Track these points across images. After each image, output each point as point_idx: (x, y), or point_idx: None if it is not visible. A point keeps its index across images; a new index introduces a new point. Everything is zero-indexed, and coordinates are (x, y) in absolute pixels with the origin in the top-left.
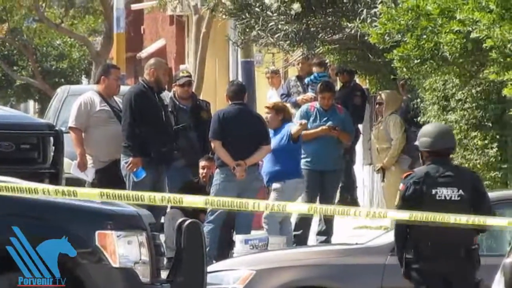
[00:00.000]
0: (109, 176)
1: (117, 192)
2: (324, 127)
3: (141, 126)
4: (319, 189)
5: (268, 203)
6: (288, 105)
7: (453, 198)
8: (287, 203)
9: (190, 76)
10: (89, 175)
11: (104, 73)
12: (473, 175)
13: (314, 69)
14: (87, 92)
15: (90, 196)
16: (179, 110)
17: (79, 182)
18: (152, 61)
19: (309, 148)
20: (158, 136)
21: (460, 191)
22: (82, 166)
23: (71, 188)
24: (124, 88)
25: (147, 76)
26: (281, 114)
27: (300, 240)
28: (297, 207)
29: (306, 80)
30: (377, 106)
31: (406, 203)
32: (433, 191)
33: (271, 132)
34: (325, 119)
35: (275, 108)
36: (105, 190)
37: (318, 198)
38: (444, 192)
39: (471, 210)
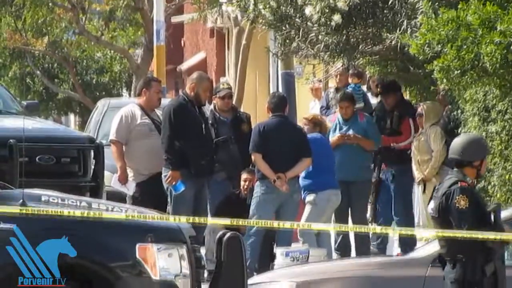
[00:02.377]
0: (150, 190)
1: (143, 213)
2: (335, 137)
3: (180, 139)
4: (347, 200)
5: (293, 222)
6: (327, 118)
7: (431, 213)
8: (311, 223)
9: (230, 88)
10: (129, 189)
11: (145, 86)
12: (450, 187)
13: (350, 80)
14: (128, 105)
15: (115, 218)
16: (219, 122)
17: (119, 195)
18: (194, 75)
19: None
20: (198, 149)
21: (433, 204)
22: (123, 179)
23: (97, 212)
24: (165, 101)
25: (187, 89)
26: (318, 127)
27: (342, 246)
28: (321, 226)
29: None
30: (418, 117)
31: None
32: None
33: None
34: (345, 128)
35: (313, 121)
36: (130, 213)
37: (349, 209)
38: (430, 207)
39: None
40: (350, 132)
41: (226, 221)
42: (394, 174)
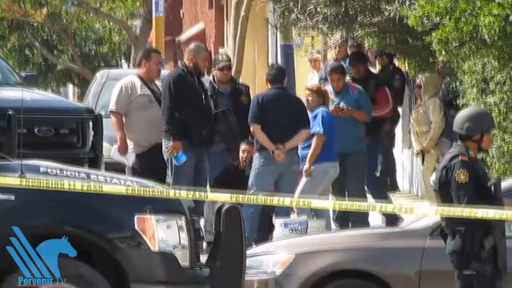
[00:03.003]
0: (149, 161)
1: (144, 187)
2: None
3: (180, 110)
4: (343, 172)
5: (293, 199)
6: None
7: (432, 185)
8: (311, 199)
9: (229, 60)
10: (129, 160)
11: (145, 57)
12: (451, 161)
13: (350, 51)
14: (128, 76)
15: (116, 192)
16: (218, 94)
17: (118, 167)
18: (192, 46)
19: None
20: (198, 120)
21: (434, 177)
22: (123, 150)
23: (98, 184)
24: (164, 72)
25: (186, 61)
26: (322, 98)
27: (340, 216)
28: (322, 203)
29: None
30: (416, 89)
31: None
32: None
33: None
34: (337, 100)
35: (318, 92)
36: (131, 186)
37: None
38: (431, 179)
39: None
40: (342, 104)
41: (226, 197)
42: (368, 144)
